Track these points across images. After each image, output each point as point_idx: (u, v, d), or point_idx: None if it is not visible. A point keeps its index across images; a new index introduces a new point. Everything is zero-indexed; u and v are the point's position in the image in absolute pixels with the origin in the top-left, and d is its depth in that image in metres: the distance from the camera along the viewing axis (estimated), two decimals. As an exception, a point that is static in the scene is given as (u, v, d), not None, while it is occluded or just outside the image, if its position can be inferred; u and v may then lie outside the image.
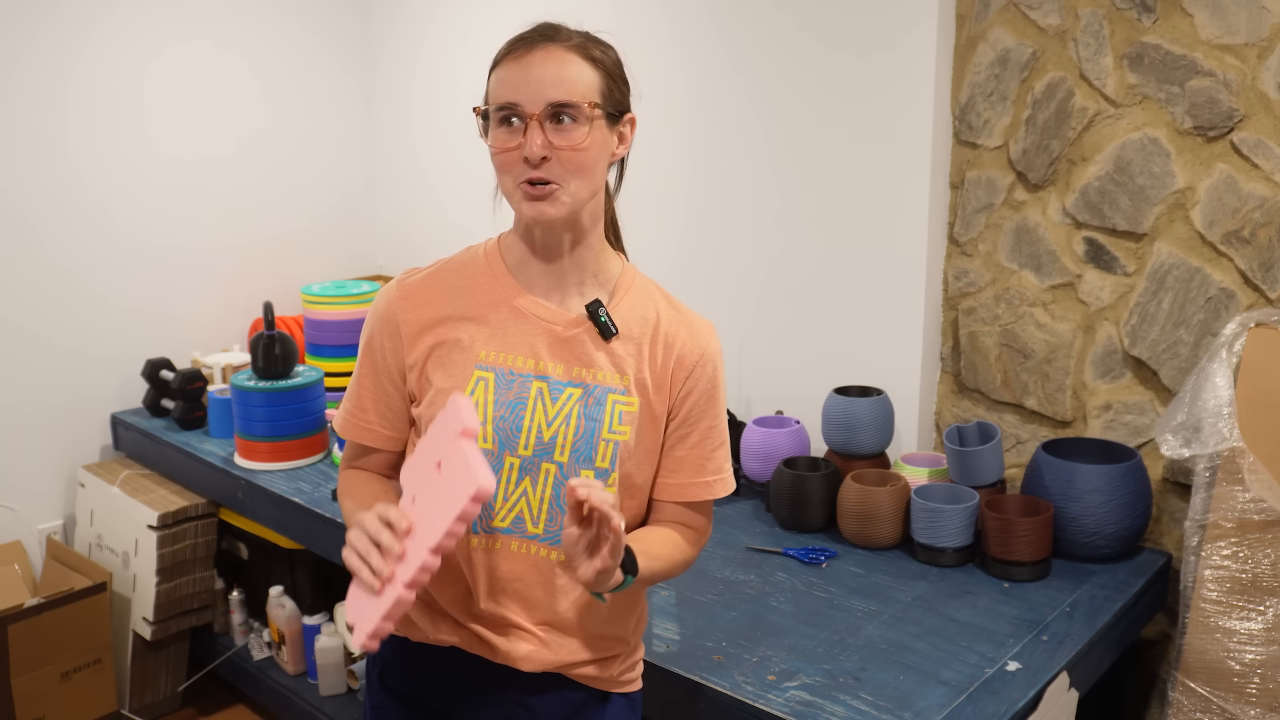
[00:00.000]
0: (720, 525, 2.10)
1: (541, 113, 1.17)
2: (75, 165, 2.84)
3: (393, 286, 1.30)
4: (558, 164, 1.17)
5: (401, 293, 1.28)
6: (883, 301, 2.24)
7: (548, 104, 1.17)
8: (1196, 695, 1.72)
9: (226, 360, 2.92)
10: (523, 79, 1.17)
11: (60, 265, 2.84)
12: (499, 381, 1.24)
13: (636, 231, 2.69)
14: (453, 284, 1.29)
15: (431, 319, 1.27)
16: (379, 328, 1.29)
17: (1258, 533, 1.71)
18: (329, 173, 3.38)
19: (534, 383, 1.24)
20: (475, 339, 1.25)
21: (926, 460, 2.12)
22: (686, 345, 1.29)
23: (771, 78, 2.34)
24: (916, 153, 2.13)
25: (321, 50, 3.31)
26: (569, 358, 1.25)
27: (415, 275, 1.31)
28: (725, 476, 1.32)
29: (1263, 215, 1.80)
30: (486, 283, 1.28)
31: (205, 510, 2.71)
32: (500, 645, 1.27)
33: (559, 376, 1.24)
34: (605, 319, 1.25)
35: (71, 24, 2.78)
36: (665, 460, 1.30)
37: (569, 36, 1.21)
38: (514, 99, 1.17)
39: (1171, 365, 1.94)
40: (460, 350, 1.25)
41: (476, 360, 1.24)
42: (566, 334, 1.25)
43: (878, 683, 1.52)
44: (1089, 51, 1.94)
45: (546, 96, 1.17)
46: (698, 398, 1.29)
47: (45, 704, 2.51)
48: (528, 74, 1.17)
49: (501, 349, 1.25)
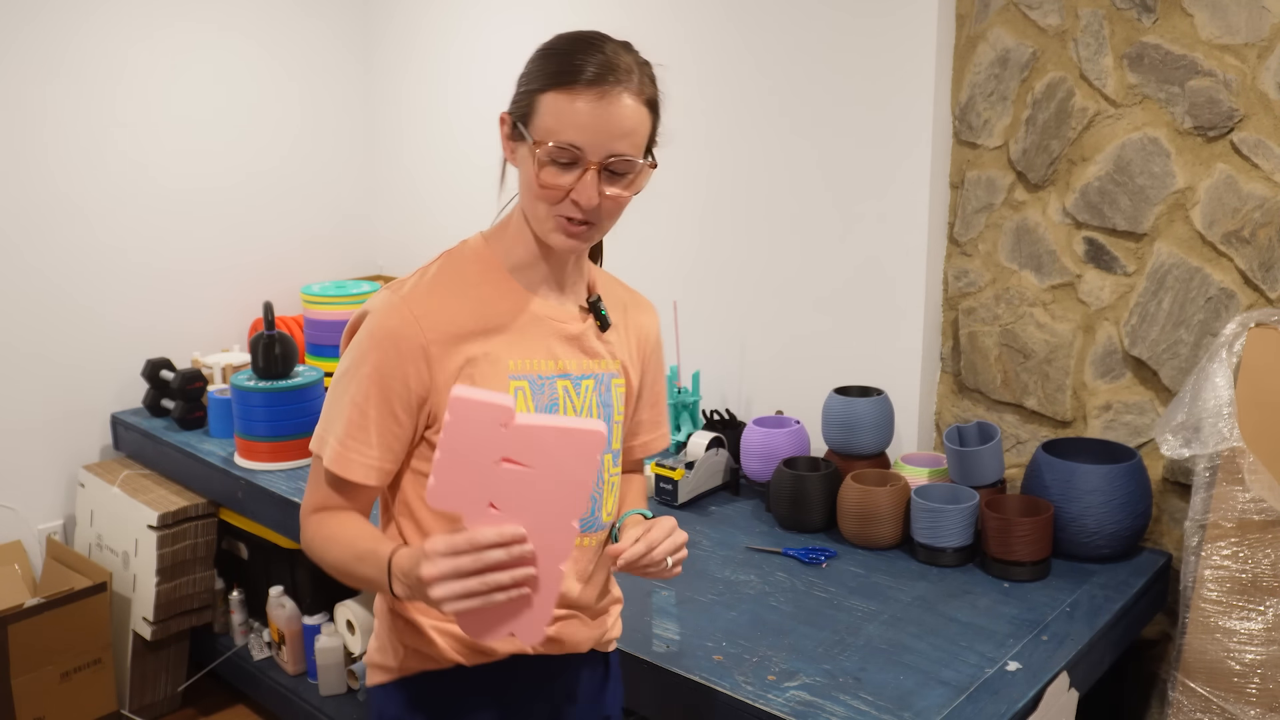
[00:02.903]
0: (720, 525, 2.10)
1: (602, 162, 1.14)
2: (76, 166, 2.84)
3: (395, 303, 1.20)
4: (601, 208, 1.17)
5: (412, 309, 1.19)
6: (883, 301, 2.24)
7: (609, 154, 1.14)
8: (1196, 695, 1.72)
9: (226, 360, 2.92)
10: (593, 125, 1.12)
11: (60, 266, 2.84)
12: (533, 388, 1.23)
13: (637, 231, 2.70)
14: (460, 293, 1.23)
15: (457, 333, 1.20)
16: (392, 349, 1.18)
17: (1258, 533, 1.71)
18: (329, 174, 3.38)
19: (559, 383, 1.26)
20: (501, 349, 1.22)
21: (926, 460, 2.12)
22: (645, 323, 1.40)
23: (771, 78, 2.34)
24: (917, 153, 2.13)
25: (322, 51, 3.31)
26: (579, 353, 1.29)
27: (412, 288, 1.21)
28: (667, 429, 1.49)
29: (1263, 215, 1.80)
30: (492, 290, 1.24)
31: (205, 510, 2.71)
32: (566, 636, 1.31)
33: (576, 372, 1.27)
34: (605, 312, 1.32)
35: (65, 19, 2.78)
36: (631, 426, 1.42)
37: (636, 76, 1.16)
38: (579, 143, 1.12)
39: (1171, 365, 1.94)
40: (490, 363, 1.21)
41: (509, 371, 1.22)
42: (574, 330, 1.28)
43: (878, 683, 1.52)
44: (1089, 51, 1.94)
45: (612, 148, 1.14)
46: (654, 366, 1.43)
47: (45, 704, 2.51)
48: (601, 122, 1.13)
49: (526, 355, 1.24)
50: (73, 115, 2.81)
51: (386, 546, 1.13)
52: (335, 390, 1.22)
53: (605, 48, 1.16)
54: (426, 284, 1.22)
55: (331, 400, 1.22)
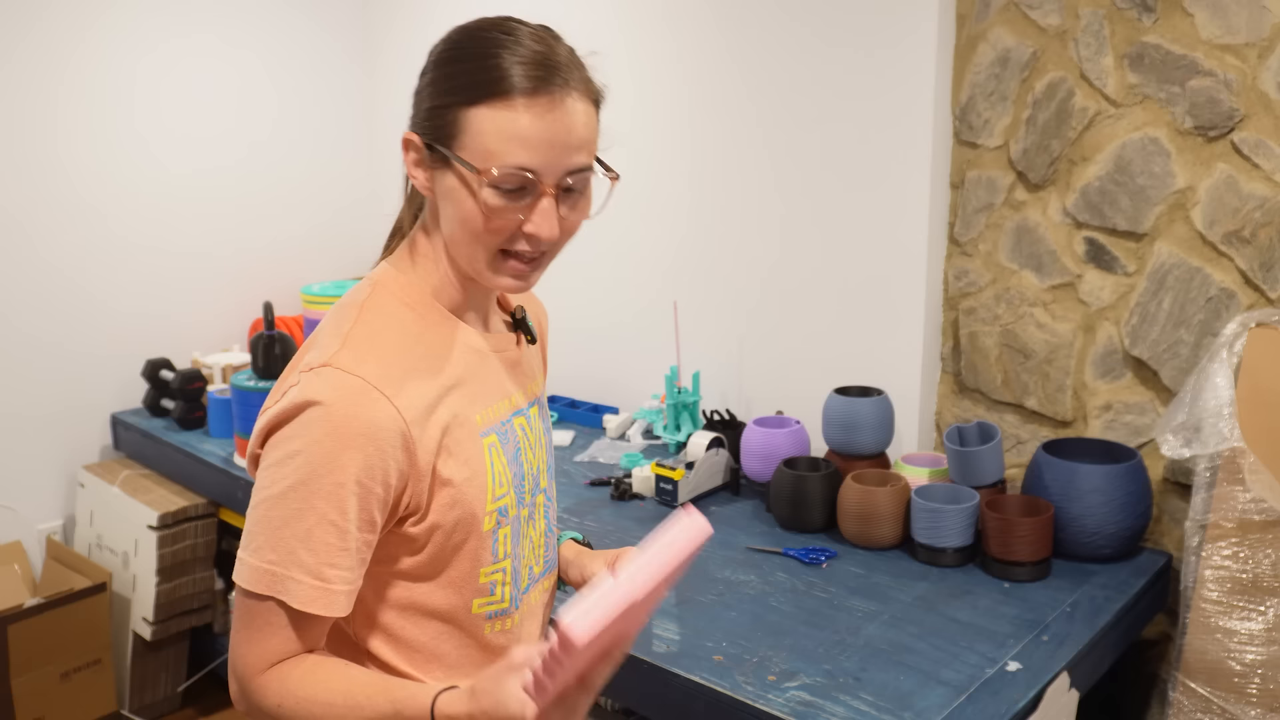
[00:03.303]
0: (720, 525, 2.10)
1: (559, 183, 0.96)
2: (75, 167, 2.84)
3: (358, 386, 0.94)
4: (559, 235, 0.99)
5: (381, 389, 0.95)
6: (883, 301, 2.24)
7: (566, 172, 0.96)
8: (1197, 695, 1.72)
9: (226, 360, 2.92)
10: (544, 141, 0.94)
11: (60, 266, 2.84)
12: (500, 440, 1.07)
13: (638, 232, 2.70)
14: (410, 349, 1.01)
15: (428, 404, 0.99)
16: (371, 448, 0.94)
17: (1258, 533, 1.70)
18: (329, 174, 3.39)
19: (515, 421, 1.11)
20: (464, 406, 1.03)
21: (927, 460, 2.12)
22: (540, 312, 1.29)
23: (772, 78, 2.34)
24: (917, 153, 2.13)
25: (322, 51, 3.31)
26: (522, 379, 1.15)
27: (359, 358, 0.97)
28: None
29: (1263, 215, 1.80)
30: (435, 334, 1.04)
31: (205, 510, 2.71)
32: None
33: (524, 403, 1.14)
34: (531, 324, 1.19)
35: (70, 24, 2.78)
36: None
37: (577, 71, 0.98)
38: (532, 165, 0.94)
39: (1172, 365, 1.94)
40: (461, 427, 1.02)
41: (478, 429, 1.04)
42: (514, 357, 1.14)
43: (878, 683, 1.51)
44: (1089, 51, 1.94)
45: (568, 165, 0.96)
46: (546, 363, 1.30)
47: (45, 704, 2.51)
48: (553, 136, 0.94)
49: (486, 403, 1.06)
50: (76, 118, 2.81)
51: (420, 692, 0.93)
52: (283, 509, 0.94)
53: (524, 37, 0.96)
54: (371, 349, 0.98)
55: (279, 522, 0.94)
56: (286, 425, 0.95)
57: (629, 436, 2.62)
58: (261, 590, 0.95)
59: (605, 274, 2.80)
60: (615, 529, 2.08)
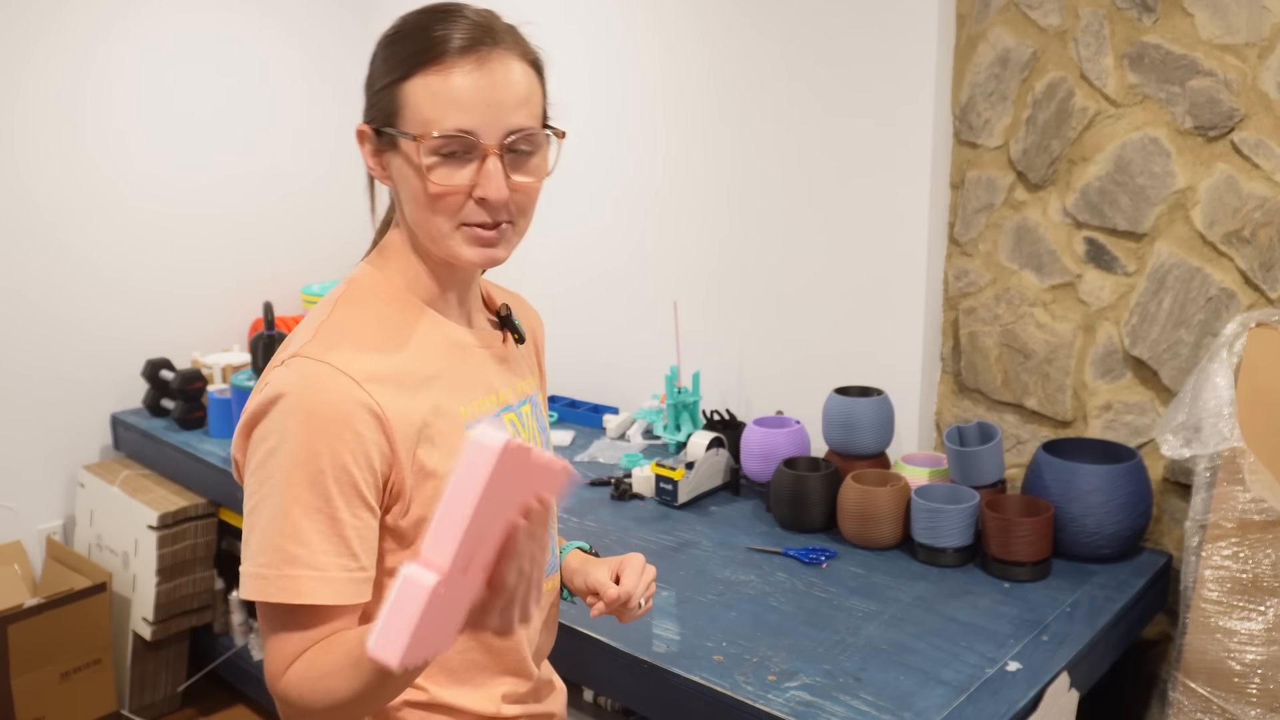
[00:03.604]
0: (720, 525, 2.10)
1: (501, 144, 0.97)
2: (76, 167, 2.84)
3: (322, 371, 0.94)
4: (511, 201, 0.99)
5: (348, 371, 0.95)
6: (883, 301, 2.24)
7: (508, 131, 0.97)
8: (1197, 695, 1.72)
9: (226, 360, 2.92)
10: (479, 99, 0.95)
11: (60, 266, 2.84)
12: None
13: (637, 232, 2.70)
14: (387, 339, 1.02)
15: (404, 391, 1.00)
16: (345, 429, 0.93)
17: (1258, 533, 1.70)
18: (329, 173, 3.38)
19: (505, 417, 1.11)
20: (447, 398, 1.04)
21: (926, 460, 2.12)
22: (535, 326, 1.29)
23: (772, 78, 2.34)
24: (917, 152, 2.13)
25: (323, 48, 3.31)
26: (511, 377, 1.15)
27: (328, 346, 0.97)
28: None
29: (1263, 215, 1.80)
30: (414, 328, 1.05)
31: (205, 510, 2.71)
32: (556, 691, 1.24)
33: (514, 400, 1.13)
34: (517, 321, 1.19)
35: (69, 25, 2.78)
36: None
37: (512, 35, 1.00)
38: (469, 125, 0.95)
39: (1172, 365, 1.94)
40: (441, 417, 1.02)
41: (463, 421, 1.05)
42: (501, 353, 1.14)
43: (878, 683, 1.51)
44: (1089, 51, 1.94)
45: (508, 123, 0.97)
46: (544, 371, 1.31)
47: (45, 704, 2.51)
48: (487, 94, 0.95)
49: (471, 397, 1.07)
50: (76, 117, 2.81)
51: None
52: (270, 510, 0.93)
53: (465, 11, 0.99)
54: (342, 337, 0.99)
55: (268, 524, 0.93)
56: (260, 423, 0.96)
57: (629, 436, 2.62)
58: (259, 596, 0.94)
59: (605, 274, 2.80)
60: (615, 529, 2.08)
